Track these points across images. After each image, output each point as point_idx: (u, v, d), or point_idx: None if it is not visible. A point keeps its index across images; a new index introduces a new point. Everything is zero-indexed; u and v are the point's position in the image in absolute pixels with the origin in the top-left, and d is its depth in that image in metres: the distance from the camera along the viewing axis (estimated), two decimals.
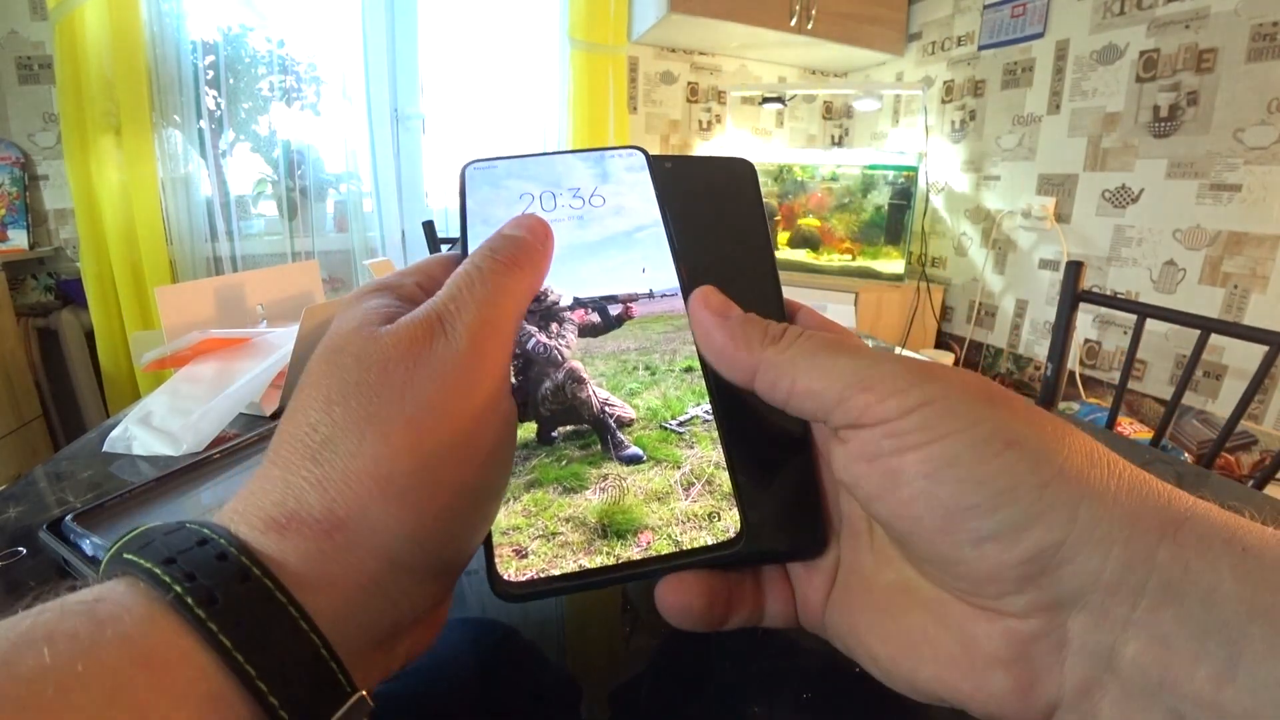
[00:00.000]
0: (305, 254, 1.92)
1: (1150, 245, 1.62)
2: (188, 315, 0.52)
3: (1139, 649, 0.13)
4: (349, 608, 0.14)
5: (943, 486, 0.14)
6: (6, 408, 1.47)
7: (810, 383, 0.16)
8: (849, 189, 2.19)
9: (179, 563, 0.12)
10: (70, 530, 0.27)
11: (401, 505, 0.14)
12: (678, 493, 0.18)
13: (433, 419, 0.15)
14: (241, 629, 0.12)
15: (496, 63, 2.08)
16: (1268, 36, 1.36)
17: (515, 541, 0.17)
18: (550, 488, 0.18)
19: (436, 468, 0.15)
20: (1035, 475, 0.14)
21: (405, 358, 0.15)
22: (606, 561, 0.17)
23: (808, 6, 2.04)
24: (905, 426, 0.15)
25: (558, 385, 0.19)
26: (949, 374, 0.15)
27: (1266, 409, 1.43)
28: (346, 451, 0.14)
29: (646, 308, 0.20)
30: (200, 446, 0.39)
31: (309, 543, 0.14)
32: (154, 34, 1.62)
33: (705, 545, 0.17)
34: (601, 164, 0.22)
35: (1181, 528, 0.13)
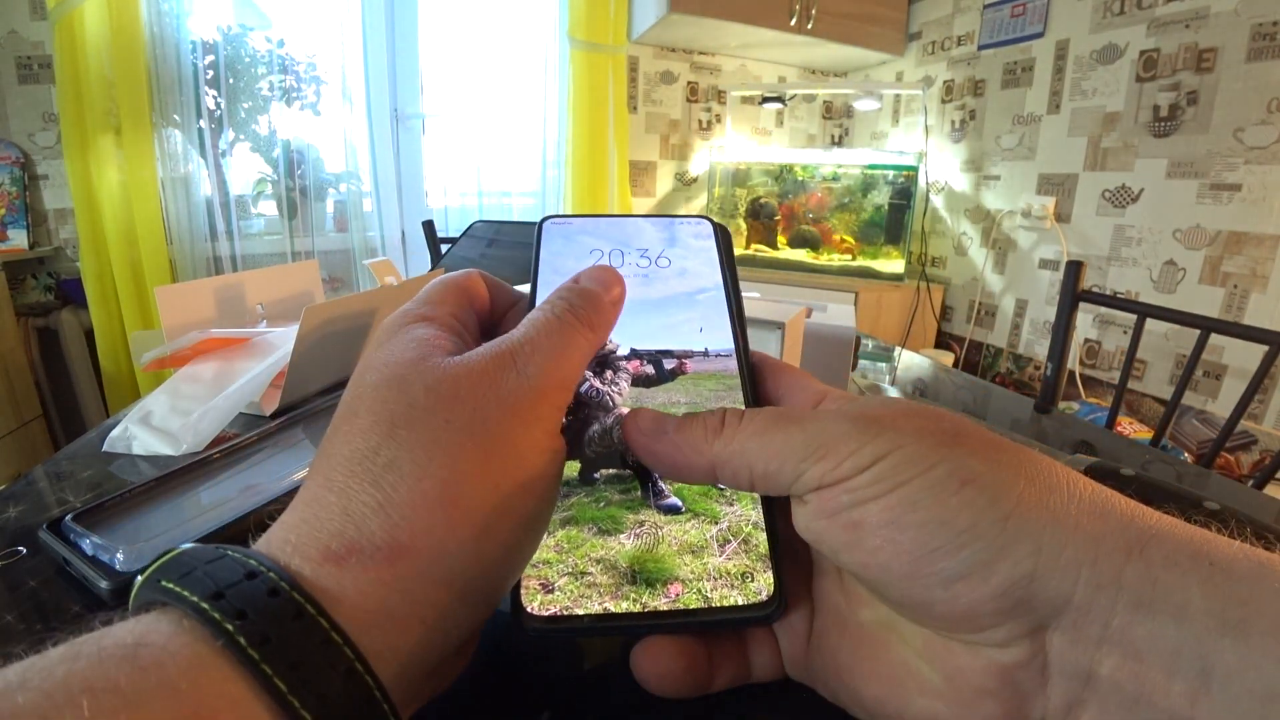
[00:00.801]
0: (305, 254, 1.92)
1: (1150, 245, 1.62)
2: (188, 315, 0.52)
3: (1114, 665, 0.13)
4: (407, 643, 0.13)
5: (905, 532, 0.14)
6: (6, 408, 1.47)
7: (766, 465, 0.16)
8: (849, 189, 2.19)
9: (228, 599, 0.12)
10: (70, 530, 0.27)
11: (470, 530, 0.14)
12: (713, 548, 0.17)
13: (501, 447, 0.15)
14: (296, 672, 0.11)
15: (496, 63, 2.08)
16: (1268, 36, 1.36)
17: (543, 575, 0.17)
18: (585, 526, 0.18)
19: (504, 494, 0.15)
20: (995, 509, 0.14)
21: (477, 387, 0.15)
22: (632, 608, 0.16)
23: (808, 6, 2.04)
24: (862, 482, 0.15)
25: (605, 429, 0.19)
26: (901, 420, 0.15)
27: (1266, 409, 1.43)
28: (413, 475, 0.14)
29: (700, 365, 0.21)
30: (200, 446, 0.39)
31: (369, 573, 0.13)
32: (154, 34, 1.62)
33: (736, 604, 0.17)
34: (670, 229, 0.23)
35: (1147, 546, 0.13)
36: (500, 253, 0.83)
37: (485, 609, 0.16)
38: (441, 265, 0.76)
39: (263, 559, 0.13)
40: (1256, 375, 0.78)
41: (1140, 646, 0.13)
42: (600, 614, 0.16)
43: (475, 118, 2.09)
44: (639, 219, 0.23)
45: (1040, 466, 0.15)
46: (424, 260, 1.88)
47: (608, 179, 2.21)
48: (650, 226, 0.23)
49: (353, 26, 1.90)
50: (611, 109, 2.16)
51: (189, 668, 0.11)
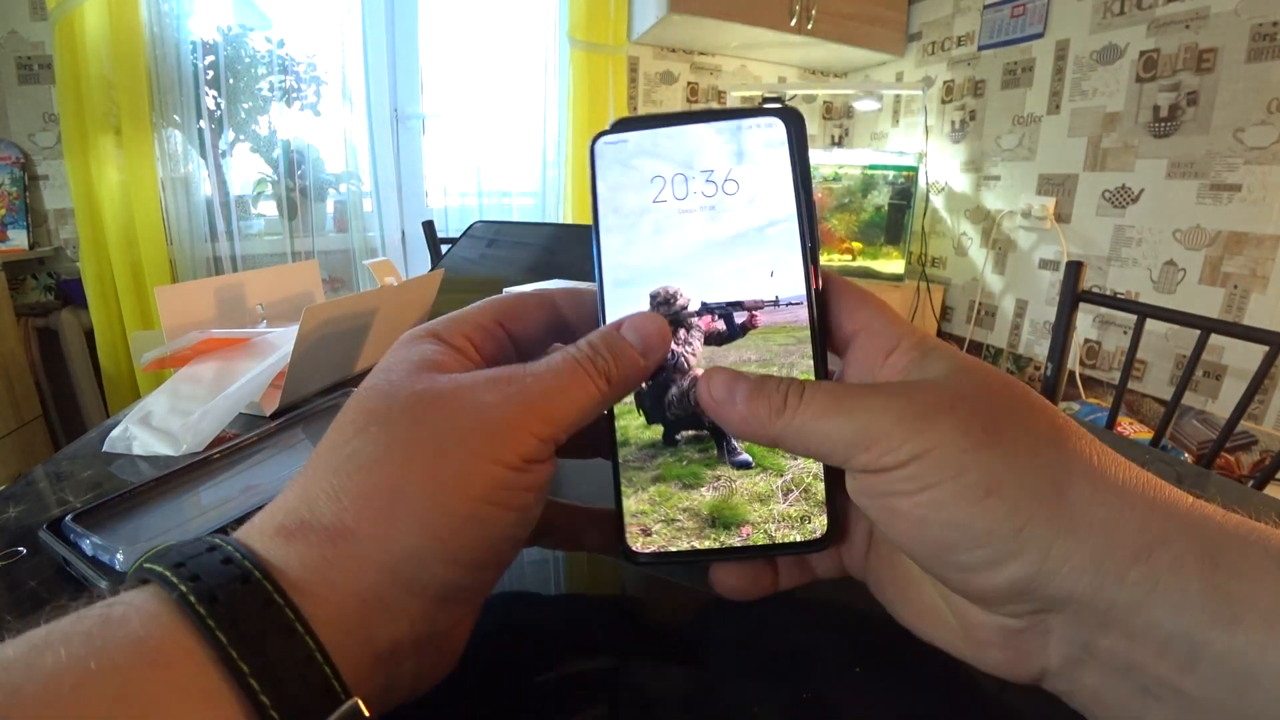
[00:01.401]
0: (305, 254, 1.92)
1: (1150, 245, 1.62)
2: (188, 315, 0.52)
3: (1111, 642, 0.15)
4: (346, 616, 0.14)
5: (930, 529, 0.16)
6: (6, 408, 1.47)
7: (819, 447, 0.18)
8: (849, 189, 2.19)
9: (188, 566, 0.13)
10: (70, 530, 0.27)
11: (412, 524, 0.15)
12: (778, 497, 0.20)
13: (457, 453, 0.16)
14: (238, 628, 0.12)
15: (496, 63, 2.08)
16: (1268, 36, 1.36)
17: (642, 523, 0.20)
18: (672, 483, 0.21)
19: (449, 495, 0.15)
20: (1011, 520, 0.15)
21: (457, 396, 0.16)
22: (713, 545, 0.20)
23: (808, 7, 2.04)
24: (899, 477, 0.16)
25: (683, 392, 0.20)
26: (945, 413, 0.16)
27: (1266, 409, 1.43)
28: (368, 466, 0.15)
29: (770, 317, 0.20)
30: (200, 446, 0.39)
31: (314, 549, 0.14)
32: (154, 34, 1.62)
33: (794, 541, 0.20)
34: (738, 138, 0.21)
35: (1156, 551, 0.14)
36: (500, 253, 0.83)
37: (438, 607, 0.16)
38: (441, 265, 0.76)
39: (227, 538, 0.14)
40: (1256, 375, 0.78)
41: (1135, 631, 0.15)
42: (688, 550, 0.20)
43: (475, 118, 2.09)
44: (703, 126, 0.21)
45: (1074, 466, 0.16)
46: (424, 260, 1.88)
47: None
48: (716, 136, 0.21)
49: (353, 26, 1.90)
50: (611, 109, 2.16)
51: (149, 621, 0.12)
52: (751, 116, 0.21)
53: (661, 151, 0.21)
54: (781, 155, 0.20)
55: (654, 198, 0.21)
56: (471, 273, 0.79)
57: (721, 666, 0.22)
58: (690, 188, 0.21)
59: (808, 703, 0.20)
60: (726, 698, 0.20)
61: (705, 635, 0.23)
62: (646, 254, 0.21)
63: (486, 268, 0.80)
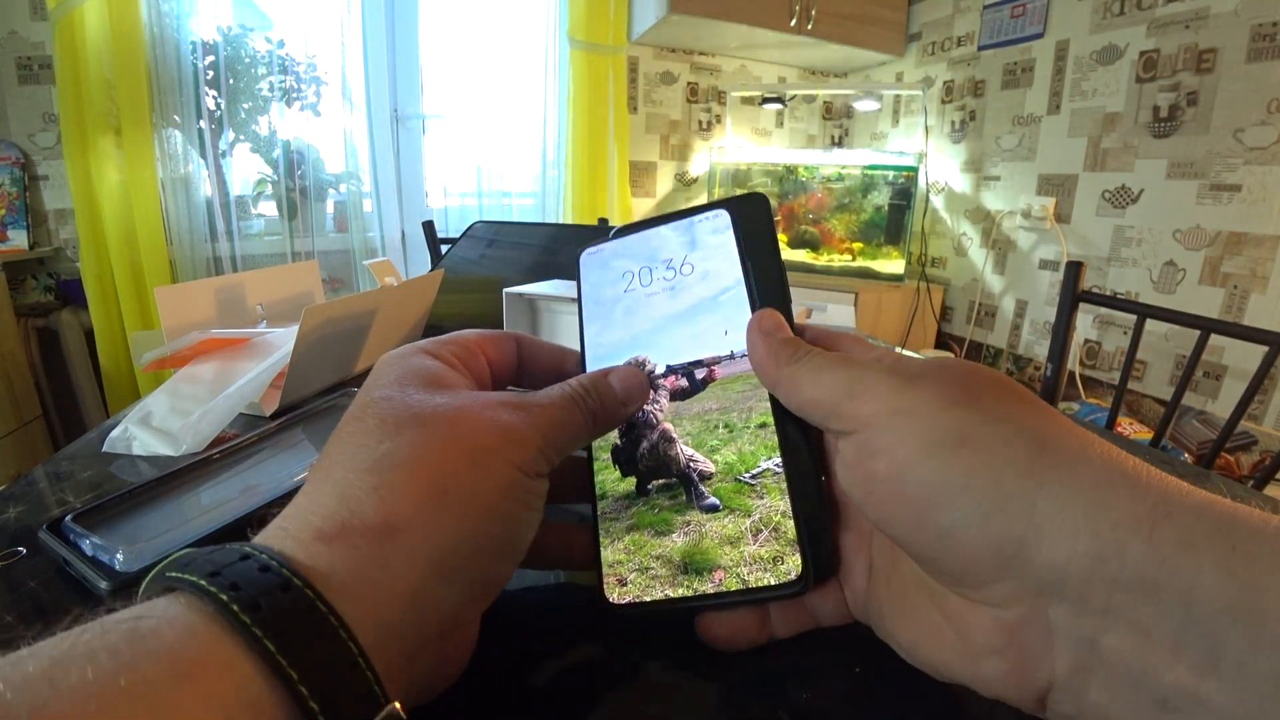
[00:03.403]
0: (305, 254, 1.92)
1: (1150, 245, 1.62)
2: (188, 315, 0.52)
3: (1119, 639, 0.13)
4: (390, 616, 0.14)
5: (906, 487, 0.16)
6: (6, 408, 1.47)
7: (814, 394, 0.18)
8: (849, 189, 2.19)
9: (224, 575, 0.13)
10: (70, 530, 0.27)
11: (454, 515, 0.16)
12: (747, 538, 0.20)
13: (484, 458, 0.17)
14: (284, 636, 0.12)
15: (496, 63, 2.08)
16: (1268, 36, 1.36)
17: (618, 573, 0.21)
18: (645, 531, 0.21)
19: (487, 492, 0.17)
20: (989, 471, 0.15)
21: (479, 411, 0.18)
22: (686, 593, 0.20)
23: (808, 7, 2.04)
24: (876, 433, 0.16)
25: (652, 445, 0.22)
26: (927, 379, 0.17)
27: (1266, 409, 1.43)
28: (408, 467, 0.16)
29: (728, 369, 0.22)
30: (200, 446, 0.39)
31: (357, 551, 0.14)
32: (154, 34, 1.62)
33: (769, 585, 0.19)
34: (691, 231, 0.24)
35: (1160, 524, 0.13)
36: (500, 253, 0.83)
37: (463, 597, 0.17)
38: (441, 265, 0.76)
39: (256, 545, 0.14)
40: (1256, 376, 0.78)
41: (1145, 623, 0.13)
42: (662, 599, 0.20)
43: (475, 118, 2.09)
44: (662, 228, 0.25)
45: (1055, 430, 0.15)
46: (424, 261, 1.88)
47: (608, 179, 2.21)
48: (672, 234, 0.25)
49: (353, 27, 1.90)
50: (611, 109, 2.16)
51: (184, 633, 0.12)
52: (701, 212, 0.24)
53: (630, 252, 0.25)
54: (727, 237, 0.23)
55: (625, 288, 0.25)
56: (471, 273, 0.79)
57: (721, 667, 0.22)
58: (654, 275, 0.24)
59: (807, 703, 0.20)
60: (726, 698, 0.20)
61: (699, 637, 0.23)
62: (620, 332, 0.24)
63: (486, 268, 0.80)
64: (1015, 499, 0.14)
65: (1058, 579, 0.14)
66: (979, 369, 0.17)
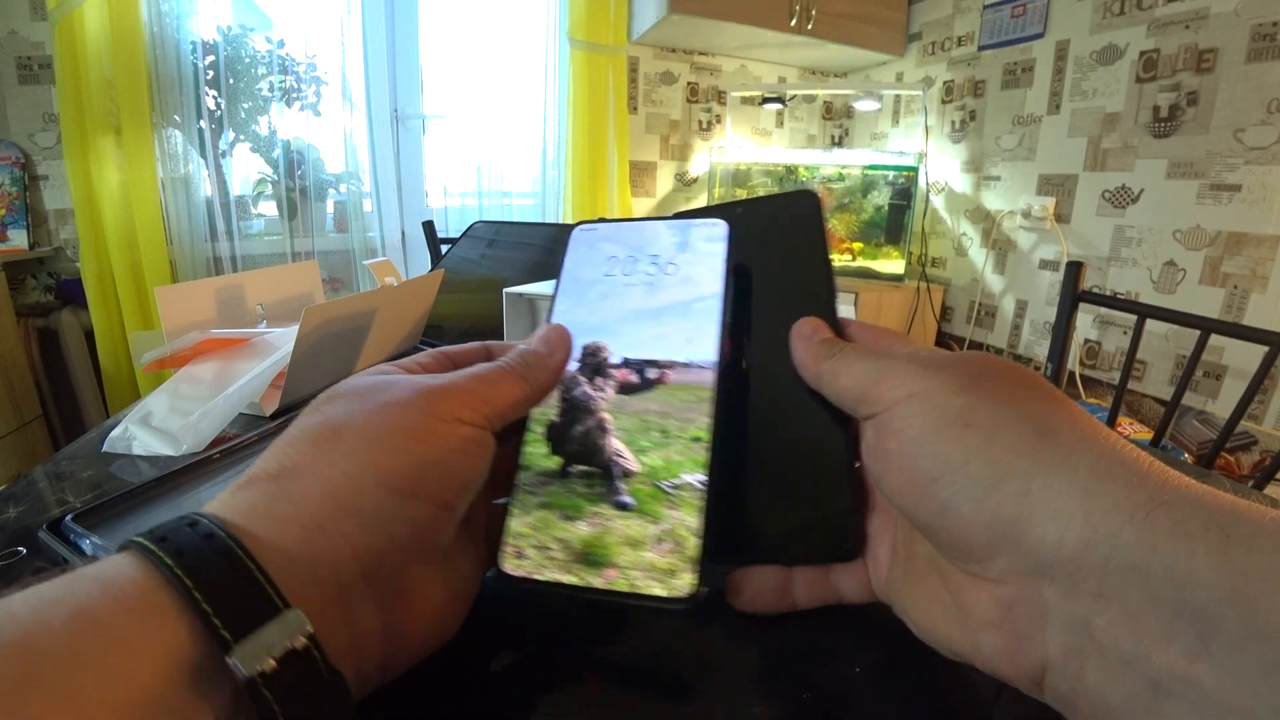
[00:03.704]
0: (305, 254, 1.92)
1: (1150, 245, 1.62)
2: (188, 315, 0.52)
3: (1110, 621, 0.14)
4: (290, 545, 0.16)
5: (914, 463, 0.17)
6: (6, 408, 1.47)
7: (847, 383, 0.20)
8: (849, 189, 2.19)
9: (156, 530, 0.15)
10: (70, 530, 0.27)
11: (346, 451, 0.17)
12: (650, 544, 0.20)
13: (395, 411, 0.18)
14: (183, 556, 0.14)
15: (496, 63, 2.08)
16: (1268, 36, 1.36)
17: (519, 545, 0.21)
18: (555, 512, 0.21)
19: (386, 432, 0.18)
20: (988, 451, 0.16)
21: (406, 380, 0.20)
22: (577, 582, 0.20)
23: (808, 7, 2.04)
24: (895, 414, 0.18)
25: (585, 430, 0.22)
26: (949, 368, 0.18)
27: (1266, 409, 1.43)
28: (316, 423, 0.18)
29: (681, 376, 0.23)
30: (200, 446, 0.39)
31: (258, 492, 0.16)
32: (154, 34, 1.62)
33: (655, 595, 0.19)
34: (685, 233, 0.24)
35: (1154, 511, 0.13)
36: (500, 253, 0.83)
37: (385, 535, 0.17)
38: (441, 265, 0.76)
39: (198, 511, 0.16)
40: (1256, 376, 0.78)
41: (1136, 608, 0.13)
42: (552, 582, 0.20)
43: (475, 118, 2.09)
44: (659, 222, 0.25)
45: (1059, 418, 0.16)
46: (424, 261, 1.88)
47: (608, 179, 2.21)
48: (666, 231, 0.25)
49: (353, 27, 1.90)
50: (611, 109, 2.16)
51: (110, 565, 0.14)
52: (702, 217, 0.24)
53: (621, 238, 0.25)
54: (719, 247, 0.24)
55: (605, 272, 0.25)
56: (471, 273, 0.79)
57: (721, 667, 0.22)
58: (637, 267, 0.24)
59: (807, 703, 0.20)
60: (727, 698, 0.20)
61: (705, 636, 0.23)
62: (588, 314, 0.24)
63: (486, 268, 0.80)
64: (1011, 480, 0.15)
65: (1049, 560, 0.15)
66: (997, 360, 0.18)
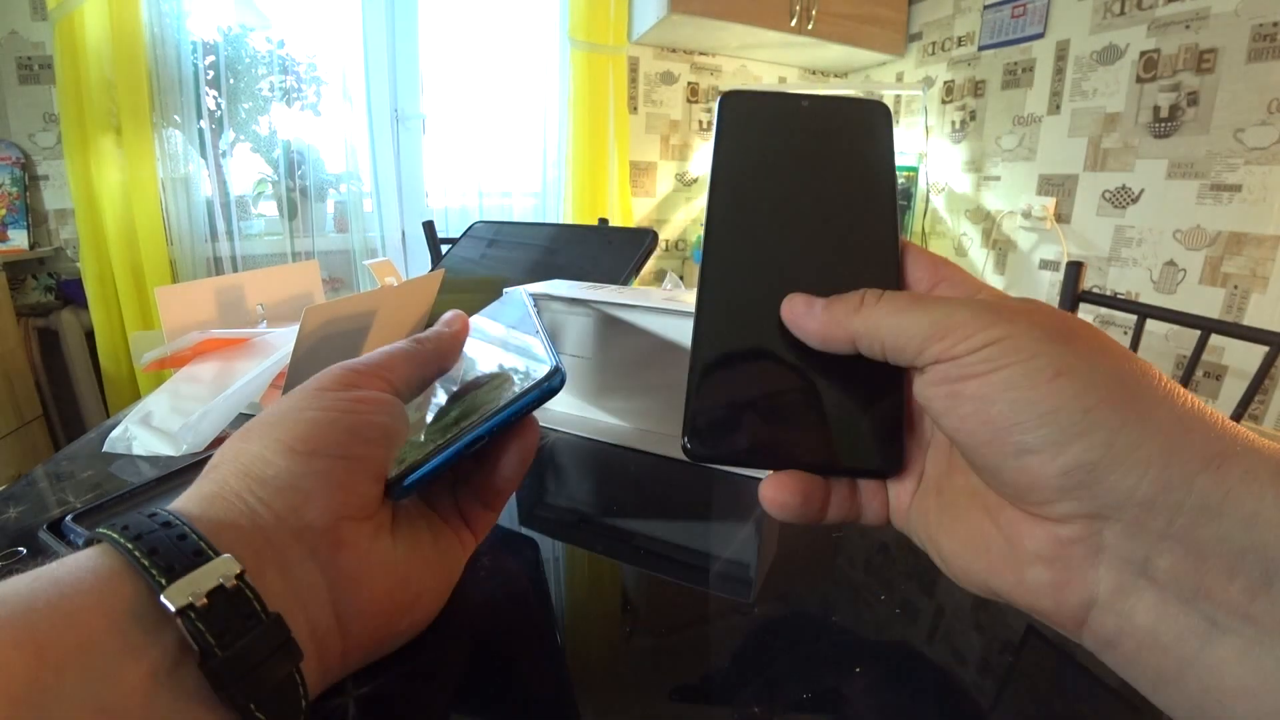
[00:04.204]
0: (305, 254, 1.92)
1: (1150, 245, 1.62)
2: (188, 315, 0.52)
3: (1174, 560, 0.14)
4: (215, 511, 0.18)
5: (995, 406, 0.16)
6: (7, 408, 1.47)
7: (895, 340, 0.18)
8: None
9: (118, 522, 0.16)
10: (70, 530, 0.27)
11: (255, 438, 0.20)
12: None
13: (296, 394, 0.21)
14: (128, 529, 0.16)
15: (496, 63, 2.08)
16: (1268, 37, 1.36)
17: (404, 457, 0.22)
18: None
19: (284, 412, 0.20)
20: (1079, 401, 0.15)
21: (336, 368, 0.23)
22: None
23: (808, 7, 2.04)
24: (971, 360, 0.17)
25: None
26: (1020, 314, 0.17)
27: (1267, 409, 1.43)
28: (235, 433, 0.21)
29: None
30: (200, 447, 0.39)
31: (194, 486, 0.19)
32: (154, 34, 1.62)
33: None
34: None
35: (1227, 460, 0.14)
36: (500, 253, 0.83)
37: (294, 492, 0.19)
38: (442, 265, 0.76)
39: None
40: (1257, 376, 0.78)
41: (1203, 545, 0.14)
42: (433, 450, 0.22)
43: (475, 118, 2.09)
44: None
45: (1140, 374, 0.16)
46: (424, 261, 1.88)
47: (608, 179, 2.21)
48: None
49: (353, 26, 1.90)
50: (612, 109, 2.16)
51: (79, 554, 0.16)
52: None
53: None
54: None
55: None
56: (471, 273, 0.79)
57: (722, 667, 0.22)
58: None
59: (807, 703, 0.20)
60: (727, 698, 0.20)
61: (705, 635, 0.23)
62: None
63: (487, 268, 0.80)
64: (1098, 430, 0.15)
65: (1119, 503, 0.15)
66: (1069, 316, 0.18)
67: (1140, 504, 0.14)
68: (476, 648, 0.22)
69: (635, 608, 0.26)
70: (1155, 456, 0.14)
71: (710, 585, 0.27)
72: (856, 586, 0.27)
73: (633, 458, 0.38)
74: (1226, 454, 0.14)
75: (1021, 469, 0.16)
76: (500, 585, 0.26)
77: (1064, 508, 0.16)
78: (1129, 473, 0.14)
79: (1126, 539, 0.15)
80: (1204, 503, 0.14)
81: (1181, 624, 0.14)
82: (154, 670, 0.14)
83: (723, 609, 0.25)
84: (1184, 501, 0.14)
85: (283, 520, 0.18)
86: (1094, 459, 0.15)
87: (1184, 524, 0.14)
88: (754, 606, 0.25)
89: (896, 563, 0.29)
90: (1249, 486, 0.13)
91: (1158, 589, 0.15)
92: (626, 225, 2.23)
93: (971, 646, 0.23)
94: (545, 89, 2.12)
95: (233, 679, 0.15)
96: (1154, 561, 0.15)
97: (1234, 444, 0.14)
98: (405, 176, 2.07)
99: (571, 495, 0.36)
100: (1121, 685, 0.16)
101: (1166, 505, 0.14)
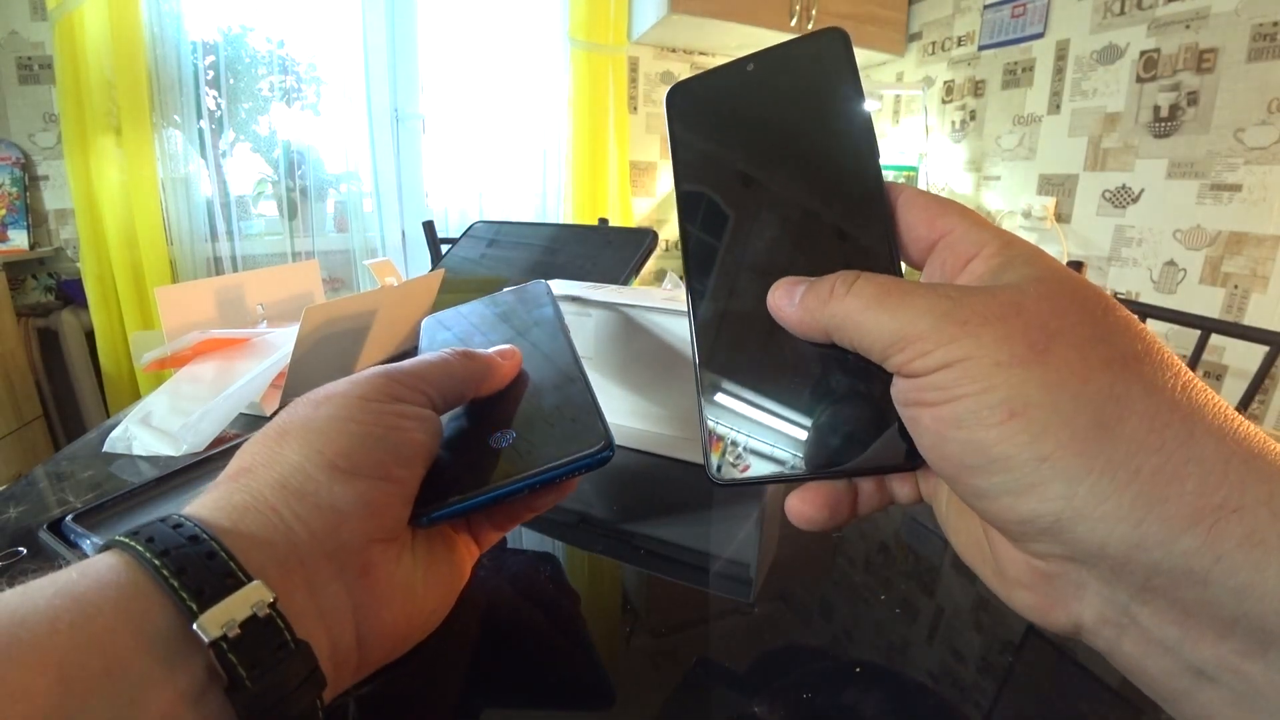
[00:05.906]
0: (305, 254, 1.91)
1: (1150, 245, 1.62)
2: (188, 315, 0.52)
3: (1156, 612, 0.13)
4: (248, 525, 0.17)
5: (949, 444, 0.15)
6: (6, 408, 1.47)
7: (863, 338, 0.17)
8: None
9: (141, 532, 0.16)
10: (70, 530, 0.27)
11: (292, 445, 0.19)
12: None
13: (332, 400, 0.20)
14: (154, 543, 0.15)
15: (496, 63, 2.08)
16: (1268, 36, 1.36)
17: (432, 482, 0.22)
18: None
19: (324, 420, 0.20)
20: (1033, 448, 0.13)
21: (342, 381, 0.22)
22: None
23: (808, 6, 2.04)
24: (925, 384, 0.15)
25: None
26: (993, 321, 0.15)
27: (1267, 409, 1.43)
28: (268, 426, 0.20)
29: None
30: (200, 446, 0.39)
31: (222, 489, 0.18)
32: (154, 34, 1.62)
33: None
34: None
35: (1224, 518, 0.12)
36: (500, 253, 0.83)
37: (332, 512, 0.18)
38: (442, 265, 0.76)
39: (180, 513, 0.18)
40: (1257, 375, 0.78)
41: (1188, 606, 0.12)
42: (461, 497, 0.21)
43: (475, 118, 2.09)
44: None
45: (1130, 398, 0.13)
46: (424, 261, 1.88)
47: (608, 179, 2.21)
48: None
49: (353, 26, 1.90)
50: (612, 109, 2.16)
51: (96, 560, 0.15)
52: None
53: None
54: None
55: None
56: (471, 273, 0.79)
57: (722, 666, 0.22)
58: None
59: (807, 703, 0.20)
60: (726, 698, 0.20)
61: (705, 635, 0.23)
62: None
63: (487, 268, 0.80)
64: (1054, 482, 0.13)
65: (1091, 555, 0.13)
66: (1069, 298, 0.15)
67: (1112, 561, 0.13)
68: (477, 648, 0.22)
69: (635, 608, 0.26)
70: (1125, 513, 0.13)
71: (710, 585, 0.27)
72: (856, 586, 0.27)
73: (633, 457, 0.38)
74: (1227, 508, 0.12)
75: (983, 510, 0.15)
76: (500, 586, 0.26)
77: (1039, 547, 0.15)
78: (1094, 528, 0.13)
79: (1107, 585, 0.14)
80: (1187, 567, 0.12)
81: (1166, 665, 0.13)
82: (180, 696, 0.14)
83: (723, 609, 0.25)
84: (1161, 563, 0.12)
85: (317, 539, 0.18)
86: (1053, 511, 0.13)
87: (1164, 582, 0.13)
88: (754, 606, 0.25)
89: (896, 563, 0.29)
90: (1248, 553, 0.12)
91: (1140, 631, 0.14)
92: (626, 225, 2.23)
93: (971, 646, 0.23)
94: (545, 89, 2.12)
95: (261, 711, 0.14)
96: (1136, 609, 0.13)
97: (1245, 490, 0.12)
98: (405, 176, 2.07)
99: (571, 495, 0.36)
100: (1121, 685, 0.16)
101: (1142, 565, 0.13)
